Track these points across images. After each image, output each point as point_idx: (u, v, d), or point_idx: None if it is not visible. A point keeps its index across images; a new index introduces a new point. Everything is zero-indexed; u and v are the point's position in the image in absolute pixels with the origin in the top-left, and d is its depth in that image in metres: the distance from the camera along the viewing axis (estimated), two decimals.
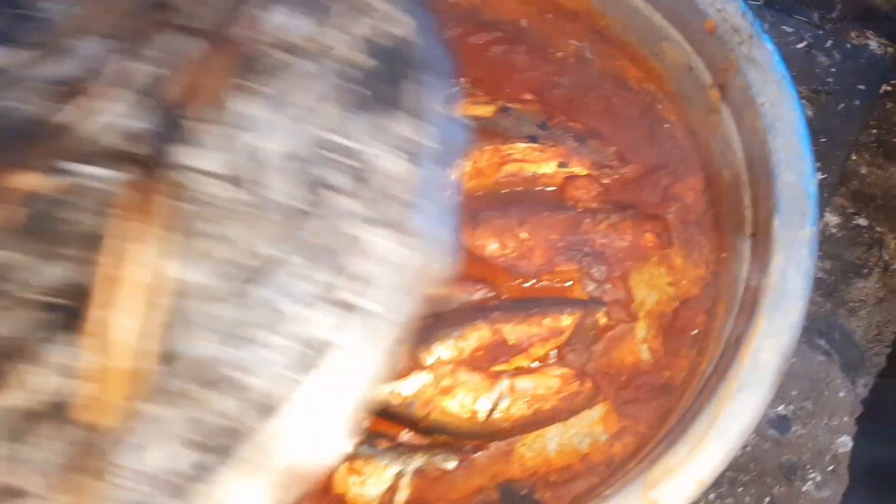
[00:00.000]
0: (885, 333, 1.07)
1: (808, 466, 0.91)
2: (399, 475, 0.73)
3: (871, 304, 1.07)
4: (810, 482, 0.90)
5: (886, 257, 1.10)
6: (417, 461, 0.74)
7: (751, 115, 0.71)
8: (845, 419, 0.96)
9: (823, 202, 0.98)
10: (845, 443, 0.94)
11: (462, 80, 0.92)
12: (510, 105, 0.90)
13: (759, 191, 0.70)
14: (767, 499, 0.88)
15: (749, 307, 0.64)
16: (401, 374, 0.76)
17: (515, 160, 0.87)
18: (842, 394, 0.98)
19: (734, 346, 0.62)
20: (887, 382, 1.02)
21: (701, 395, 0.64)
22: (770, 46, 0.72)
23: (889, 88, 1.03)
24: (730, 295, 0.72)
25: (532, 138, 0.87)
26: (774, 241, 0.64)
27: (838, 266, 1.07)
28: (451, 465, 0.74)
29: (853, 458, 0.94)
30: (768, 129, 0.68)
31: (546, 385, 0.77)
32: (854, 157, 1.09)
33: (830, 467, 0.92)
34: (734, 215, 0.75)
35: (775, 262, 0.63)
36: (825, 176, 0.94)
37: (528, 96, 0.91)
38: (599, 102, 0.90)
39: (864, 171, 1.10)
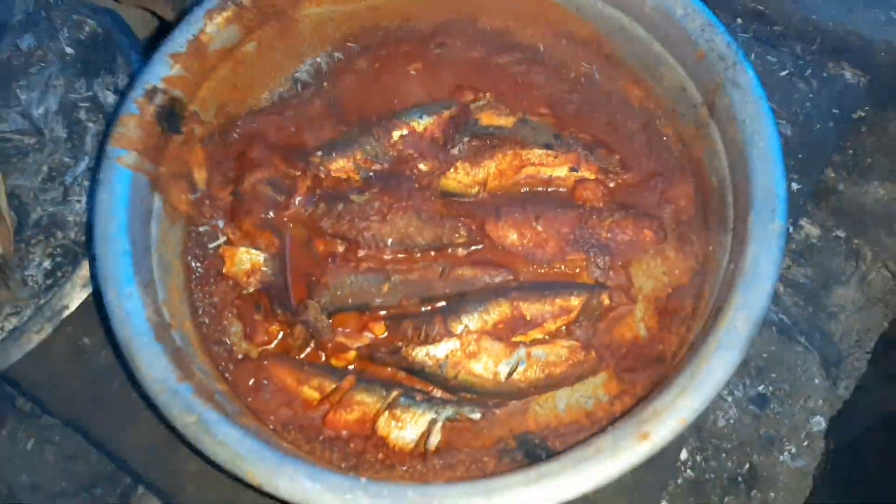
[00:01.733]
0: (864, 340, 1.17)
1: (784, 440, 1.02)
2: (432, 422, 0.85)
3: (850, 310, 1.18)
4: (787, 453, 1.02)
5: (864, 267, 1.21)
6: (448, 411, 0.86)
7: (733, 129, 0.84)
8: (819, 402, 1.07)
9: (799, 209, 1.10)
10: (819, 422, 1.05)
11: (488, 94, 1.05)
12: (528, 117, 1.03)
13: (739, 193, 0.83)
14: (747, 465, 1.00)
15: (727, 286, 0.77)
16: (434, 340, 0.89)
17: (533, 164, 0.99)
18: (817, 381, 1.09)
19: (714, 316, 0.75)
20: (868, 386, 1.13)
21: (686, 357, 0.76)
22: (751, 72, 0.85)
23: (863, 114, 1.16)
24: (714, 279, 0.85)
25: (547, 146, 0.99)
26: (749, 233, 0.77)
27: (819, 273, 1.19)
28: (477, 416, 0.87)
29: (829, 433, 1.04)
30: (747, 141, 0.82)
31: (557, 354, 0.89)
32: (833, 176, 1.21)
33: (805, 442, 1.03)
34: (719, 215, 0.89)
35: (749, 249, 0.76)
36: (801, 186, 1.07)
37: (543, 110, 1.04)
38: (606, 117, 1.03)
39: (841, 187, 1.22)
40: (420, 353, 0.90)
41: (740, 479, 0.99)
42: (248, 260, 0.97)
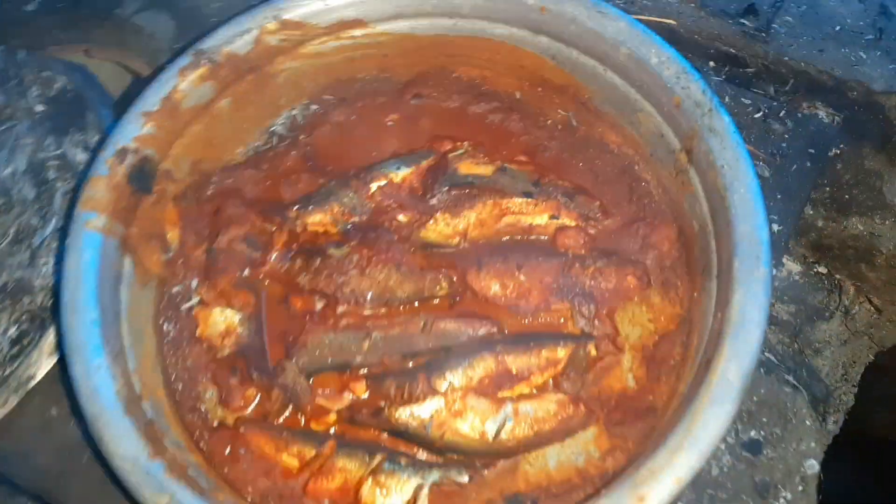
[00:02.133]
0: (850, 373, 1.16)
1: (779, 486, 0.99)
2: (418, 488, 0.82)
3: (835, 345, 1.16)
4: (782, 500, 0.99)
5: (847, 302, 1.21)
6: (435, 475, 0.83)
7: (712, 175, 0.84)
8: (812, 444, 1.04)
9: (781, 249, 1.10)
10: (812, 465, 1.03)
11: (465, 143, 1.05)
12: (507, 165, 1.02)
13: (721, 239, 0.82)
14: None
15: (716, 335, 0.75)
16: (418, 399, 0.87)
17: (513, 213, 0.98)
18: (808, 422, 1.07)
19: (704, 368, 0.74)
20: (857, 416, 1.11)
21: (679, 410, 0.74)
22: (727, 118, 0.85)
23: (838, 152, 1.17)
24: (702, 327, 0.84)
25: (527, 194, 0.99)
26: (735, 280, 0.76)
27: (803, 310, 1.18)
28: (464, 479, 0.83)
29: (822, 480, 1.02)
30: (727, 187, 0.81)
31: (545, 409, 0.87)
32: (811, 212, 1.21)
33: (800, 487, 1.00)
34: (703, 260, 0.88)
35: (736, 298, 0.74)
36: (781, 227, 1.07)
37: (522, 157, 1.04)
38: (584, 163, 1.02)
39: (820, 224, 1.22)
40: (404, 414, 0.87)
41: None
42: (222, 321, 0.94)
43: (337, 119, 1.08)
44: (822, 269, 1.21)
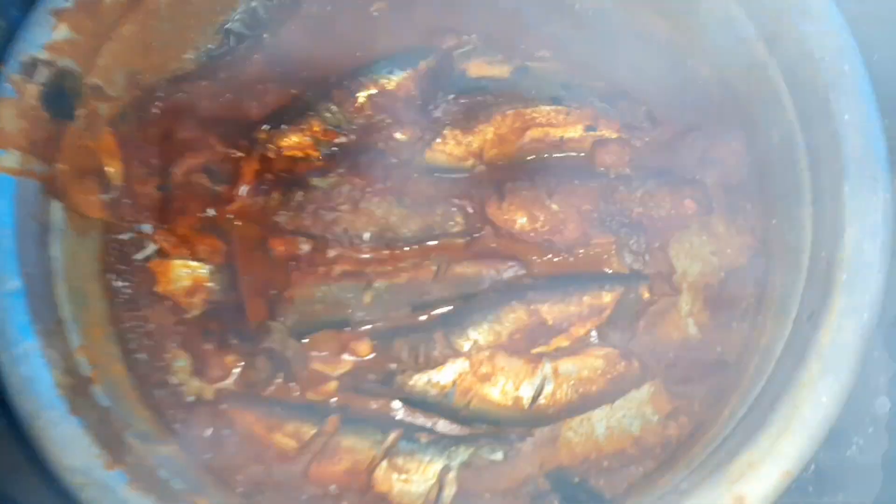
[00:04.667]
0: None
1: (850, 430, 0.90)
2: (444, 470, 0.69)
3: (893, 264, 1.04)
4: (854, 447, 0.89)
5: None
6: (462, 454, 0.70)
7: (808, 71, 0.65)
8: (881, 379, 0.94)
9: None
10: (883, 404, 0.93)
11: (473, 37, 0.85)
12: (528, 63, 0.84)
13: (819, 154, 0.65)
14: (812, 466, 0.87)
15: (821, 281, 0.60)
16: (437, 363, 0.72)
17: (539, 124, 0.81)
18: (876, 353, 0.96)
19: (809, 324, 0.58)
20: None
21: (775, 378, 0.60)
22: None
23: None
24: (787, 264, 0.68)
25: (555, 100, 0.81)
26: (846, 210, 0.60)
27: None
28: (498, 456, 0.70)
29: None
30: (830, 86, 0.63)
31: (591, 366, 0.73)
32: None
33: (870, 429, 0.91)
34: (787, 180, 0.71)
35: (849, 234, 0.59)
36: None
37: (545, 53, 0.86)
38: (623, 59, 0.84)
39: None
40: (420, 381, 0.72)
41: (807, 484, 0.86)
42: (187, 274, 0.78)
43: (308, 10, 0.88)
44: None
